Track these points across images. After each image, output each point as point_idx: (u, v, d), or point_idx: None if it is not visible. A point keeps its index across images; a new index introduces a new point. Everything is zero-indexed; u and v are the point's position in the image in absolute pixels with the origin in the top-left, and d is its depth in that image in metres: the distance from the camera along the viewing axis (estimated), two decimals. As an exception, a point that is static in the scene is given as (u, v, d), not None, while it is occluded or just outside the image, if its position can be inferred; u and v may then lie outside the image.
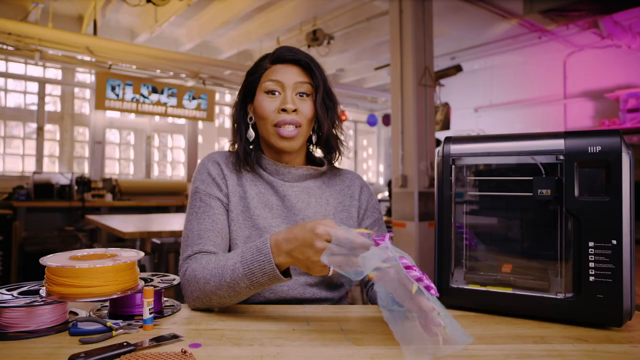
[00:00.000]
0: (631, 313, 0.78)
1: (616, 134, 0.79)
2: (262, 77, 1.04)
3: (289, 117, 0.99)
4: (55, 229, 5.26)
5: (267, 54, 1.07)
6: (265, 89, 1.02)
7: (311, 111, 1.02)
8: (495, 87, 7.72)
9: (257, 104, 1.03)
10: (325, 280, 1.03)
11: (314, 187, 1.08)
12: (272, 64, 1.04)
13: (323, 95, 1.03)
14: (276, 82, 1.01)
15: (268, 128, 1.01)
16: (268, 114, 1.00)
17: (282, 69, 1.02)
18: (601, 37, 5.73)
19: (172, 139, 7.59)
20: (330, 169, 1.14)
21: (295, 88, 1.01)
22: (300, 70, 1.03)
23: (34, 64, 5.97)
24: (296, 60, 1.03)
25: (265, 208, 1.03)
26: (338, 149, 1.10)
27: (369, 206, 1.13)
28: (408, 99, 3.91)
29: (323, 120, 1.03)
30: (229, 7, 5.39)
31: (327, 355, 0.66)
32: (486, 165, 0.95)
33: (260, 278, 0.80)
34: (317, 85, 1.02)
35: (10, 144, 6.16)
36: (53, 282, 0.77)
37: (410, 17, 3.90)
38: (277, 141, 1.00)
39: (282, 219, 1.03)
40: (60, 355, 0.66)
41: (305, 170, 1.06)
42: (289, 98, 1.00)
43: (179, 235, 2.94)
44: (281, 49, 1.05)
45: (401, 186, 3.89)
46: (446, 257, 0.93)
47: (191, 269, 0.89)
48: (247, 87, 1.07)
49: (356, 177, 1.16)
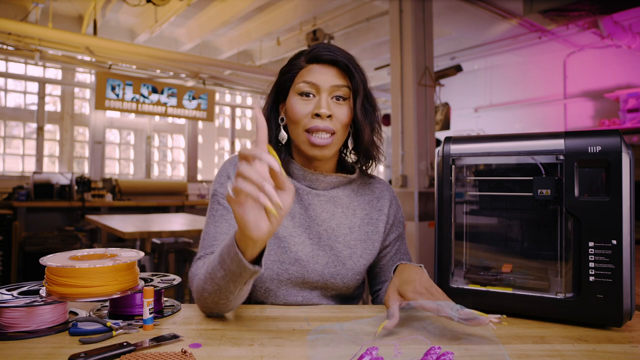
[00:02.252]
0: (631, 313, 0.78)
1: (616, 134, 0.79)
2: (297, 77, 0.96)
3: (322, 124, 0.91)
4: (55, 229, 5.27)
5: (302, 50, 0.99)
6: (298, 90, 0.94)
7: (347, 116, 0.94)
8: (495, 87, 7.72)
9: (289, 106, 0.95)
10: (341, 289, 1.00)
11: (342, 195, 1.02)
12: (308, 63, 0.96)
13: (363, 99, 0.95)
14: (311, 84, 0.93)
15: (299, 133, 0.93)
16: (300, 118, 0.92)
17: (318, 70, 0.94)
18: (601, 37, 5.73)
19: (172, 139, 7.59)
20: (360, 176, 1.08)
21: (332, 92, 0.93)
22: (338, 71, 0.94)
23: (34, 64, 5.97)
24: (334, 61, 0.94)
25: (287, 216, 0.97)
26: (376, 157, 1.02)
27: (396, 220, 1.07)
28: (408, 99, 3.91)
29: (363, 127, 0.94)
30: (229, 7, 5.39)
31: (327, 355, 0.66)
32: (486, 165, 0.95)
33: (230, 265, 0.72)
34: (356, 89, 0.94)
35: (10, 144, 6.16)
36: (53, 282, 0.77)
37: (410, 17, 3.90)
38: (307, 149, 0.93)
39: (304, 228, 0.97)
40: (60, 355, 0.66)
41: (334, 178, 1.00)
42: (323, 102, 0.91)
43: (179, 235, 2.94)
44: (318, 47, 0.95)
45: (401, 186, 3.89)
46: (446, 257, 0.92)
47: (195, 266, 0.89)
48: (280, 86, 0.99)
49: (386, 187, 1.09)
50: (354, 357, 0.66)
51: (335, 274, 0.97)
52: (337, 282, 0.97)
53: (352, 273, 0.98)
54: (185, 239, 3.31)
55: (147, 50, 5.46)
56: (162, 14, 5.34)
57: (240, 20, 5.97)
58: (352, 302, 1.05)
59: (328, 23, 5.65)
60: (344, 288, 0.99)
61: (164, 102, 6.35)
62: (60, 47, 5.28)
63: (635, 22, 5.75)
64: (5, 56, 5.75)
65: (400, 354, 0.67)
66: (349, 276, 0.98)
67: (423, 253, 3.78)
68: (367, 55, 6.87)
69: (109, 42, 5.22)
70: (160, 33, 6.35)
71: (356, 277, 1.00)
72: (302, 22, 5.69)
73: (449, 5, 4.87)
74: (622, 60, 6.31)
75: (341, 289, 0.99)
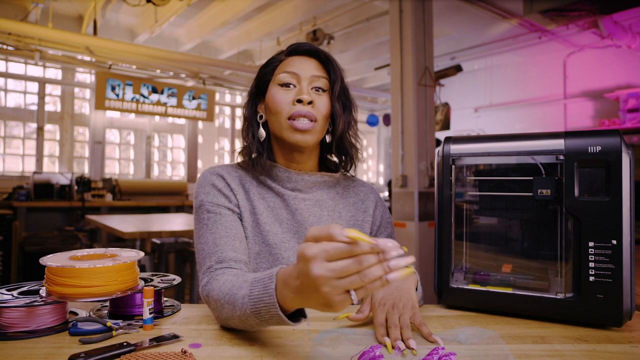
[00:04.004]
0: (631, 313, 0.78)
1: (616, 134, 0.79)
2: (277, 69, 0.97)
3: (304, 109, 0.91)
4: (55, 229, 5.26)
5: (282, 50, 1.02)
6: (279, 81, 0.94)
7: (327, 107, 0.94)
8: (495, 87, 7.72)
9: (270, 98, 0.95)
10: None
11: (327, 198, 1.02)
12: (288, 56, 0.98)
13: (340, 93, 0.97)
14: (291, 73, 0.94)
15: (281, 122, 0.92)
16: (282, 106, 0.92)
17: (299, 61, 0.96)
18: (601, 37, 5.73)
19: (172, 139, 7.59)
20: (344, 178, 1.07)
21: (312, 81, 0.94)
22: (317, 63, 0.96)
23: (34, 64, 5.97)
24: (314, 52, 0.97)
25: (276, 223, 0.96)
26: (352, 155, 1.02)
27: (383, 222, 1.08)
28: (408, 99, 3.91)
29: (339, 117, 0.96)
30: (229, 7, 5.39)
31: (327, 355, 0.66)
32: (486, 165, 0.95)
33: (269, 320, 0.66)
34: (334, 80, 0.96)
35: (10, 144, 6.16)
36: (53, 282, 0.77)
37: (410, 17, 3.90)
38: (290, 135, 0.92)
39: (293, 233, 0.97)
40: (60, 355, 0.66)
41: (319, 177, 1.00)
42: (304, 89, 0.92)
43: (179, 235, 2.94)
44: (297, 43, 0.99)
45: (401, 186, 3.89)
46: (446, 257, 0.93)
47: (207, 290, 0.80)
48: (260, 81, 1.00)
49: (370, 190, 1.10)
50: (355, 355, 0.66)
51: None
52: None
53: None
54: (185, 239, 3.31)
55: (147, 50, 5.46)
56: (162, 14, 5.34)
57: (240, 20, 5.97)
58: None
59: (328, 23, 5.65)
60: None
61: (164, 102, 6.35)
62: (60, 47, 5.28)
63: (635, 22, 5.75)
64: (5, 56, 5.75)
65: (399, 352, 0.67)
66: None
67: (423, 253, 3.78)
68: (367, 55, 6.86)
69: (109, 42, 5.21)
70: (160, 33, 6.35)
71: None
72: (302, 22, 5.69)
73: (449, 5, 4.87)
74: (622, 60, 6.31)
75: None
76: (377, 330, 0.73)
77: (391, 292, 0.80)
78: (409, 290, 0.81)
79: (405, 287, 0.82)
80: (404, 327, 0.72)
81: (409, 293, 0.80)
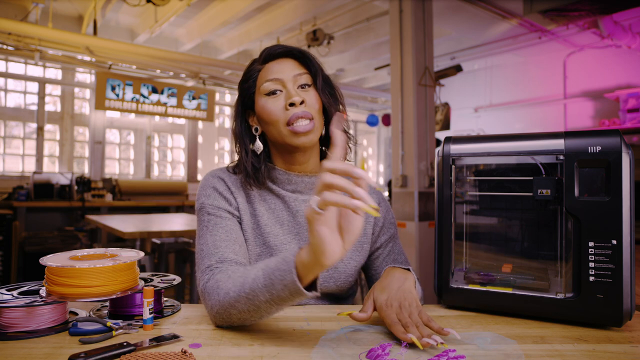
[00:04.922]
0: (631, 313, 0.78)
1: (616, 134, 0.79)
2: (257, 80, 0.97)
3: (299, 111, 0.90)
4: (55, 229, 5.26)
5: (254, 59, 1.01)
6: (264, 91, 0.94)
7: (317, 101, 0.94)
8: (495, 87, 7.72)
9: (260, 110, 0.94)
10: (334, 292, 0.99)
11: None
12: (264, 63, 0.97)
13: (324, 83, 0.97)
14: (274, 80, 0.93)
15: (280, 130, 0.92)
16: (277, 115, 0.91)
17: (277, 65, 0.95)
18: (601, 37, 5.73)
19: (172, 139, 7.59)
20: None
21: (296, 81, 0.93)
22: (294, 62, 0.96)
23: (34, 64, 5.97)
24: (288, 52, 0.96)
25: (276, 224, 0.97)
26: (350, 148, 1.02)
27: (386, 222, 1.07)
28: (408, 99, 3.91)
29: (329, 107, 0.96)
30: (229, 7, 5.39)
31: (327, 355, 0.66)
32: (486, 165, 0.95)
33: (281, 291, 0.69)
34: (316, 73, 0.96)
35: (10, 144, 6.16)
36: (53, 282, 0.77)
37: (410, 17, 3.90)
38: (294, 140, 0.91)
39: (294, 235, 0.97)
40: (60, 355, 0.66)
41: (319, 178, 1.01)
42: (293, 92, 0.91)
43: (179, 235, 2.94)
44: (268, 48, 0.98)
45: (401, 186, 3.89)
46: (446, 257, 0.93)
47: (215, 279, 0.81)
48: (244, 97, 0.99)
49: (372, 191, 1.08)
50: (363, 353, 0.66)
51: (328, 277, 0.97)
52: (331, 285, 0.98)
53: (344, 276, 0.99)
54: (185, 239, 3.31)
55: (147, 50, 5.46)
56: (162, 14, 5.34)
57: (240, 20, 5.97)
58: (346, 301, 1.06)
59: (328, 23, 5.65)
60: (338, 290, 1.00)
61: (164, 102, 6.35)
62: (60, 47, 5.28)
63: (635, 22, 5.75)
64: (5, 56, 5.75)
65: (406, 351, 0.67)
66: (341, 279, 0.99)
67: (423, 253, 3.78)
68: (367, 55, 6.87)
69: (109, 42, 5.21)
70: (160, 33, 6.34)
71: (348, 279, 1.01)
72: (302, 22, 5.69)
73: (449, 5, 4.87)
74: (622, 60, 6.31)
75: (334, 290, 1.00)
76: (396, 329, 0.72)
77: (394, 293, 0.80)
78: (410, 290, 0.81)
79: (406, 287, 0.82)
80: (419, 325, 0.72)
81: (411, 292, 0.81)
